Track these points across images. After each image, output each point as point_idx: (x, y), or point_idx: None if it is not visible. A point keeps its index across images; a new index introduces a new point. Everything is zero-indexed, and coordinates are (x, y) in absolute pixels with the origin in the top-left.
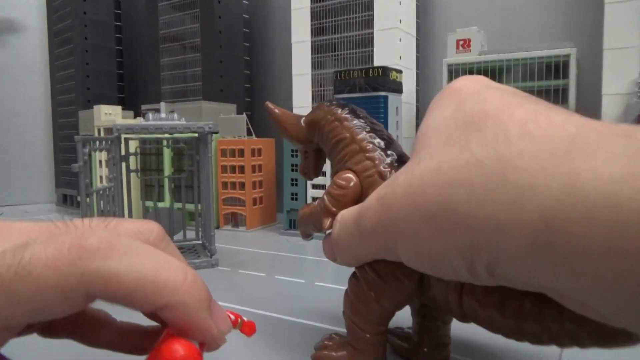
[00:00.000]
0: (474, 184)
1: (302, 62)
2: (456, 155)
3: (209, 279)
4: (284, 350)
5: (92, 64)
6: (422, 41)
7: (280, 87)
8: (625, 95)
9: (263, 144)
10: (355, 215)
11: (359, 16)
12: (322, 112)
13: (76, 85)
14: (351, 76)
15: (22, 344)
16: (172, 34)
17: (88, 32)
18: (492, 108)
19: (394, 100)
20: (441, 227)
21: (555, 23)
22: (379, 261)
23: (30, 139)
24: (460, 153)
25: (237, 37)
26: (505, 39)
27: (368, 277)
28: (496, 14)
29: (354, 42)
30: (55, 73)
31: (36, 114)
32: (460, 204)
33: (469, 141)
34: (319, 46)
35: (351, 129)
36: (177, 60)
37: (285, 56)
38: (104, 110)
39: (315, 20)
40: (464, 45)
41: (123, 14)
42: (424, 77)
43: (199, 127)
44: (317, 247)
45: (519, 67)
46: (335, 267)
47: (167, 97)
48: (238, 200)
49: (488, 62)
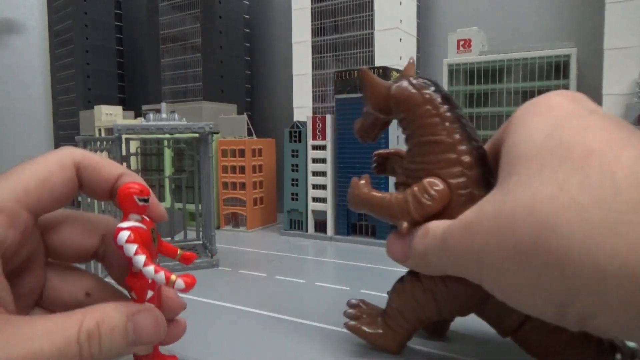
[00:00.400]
0: (575, 231)
1: (303, 62)
2: (553, 194)
3: (210, 280)
4: (284, 350)
5: (92, 64)
6: (423, 41)
7: (281, 88)
8: (626, 96)
9: (263, 144)
10: (442, 234)
11: (360, 16)
12: (420, 97)
13: (77, 86)
14: (352, 76)
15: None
16: (173, 35)
17: (89, 32)
18: (596, 144)
19: None
20: (531, 268)
21: (556, 23)
22: (451, 277)
23: (31, 139)
24: (558, 192)
25: (237, 37)
26: (506, 39)
27: (435, 288)
28: (497, 14)
29: (355, 43)
30: (56, 73)
31: (37, 114)
32: (557, 249)
33: (567, 181)
34: (320, 46)
35: (453, 134)
36: (178, 60)
37: (285, 56)
38: (104, 110)
39: (315, 20)
40: (465, 46)
41: (124, 14)
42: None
43: (200, 128)
44: (316, 248)
45: (520, 67)
46: (335, 267)
47: (168, 97)
48: (238, 200)
49: (489, 62)
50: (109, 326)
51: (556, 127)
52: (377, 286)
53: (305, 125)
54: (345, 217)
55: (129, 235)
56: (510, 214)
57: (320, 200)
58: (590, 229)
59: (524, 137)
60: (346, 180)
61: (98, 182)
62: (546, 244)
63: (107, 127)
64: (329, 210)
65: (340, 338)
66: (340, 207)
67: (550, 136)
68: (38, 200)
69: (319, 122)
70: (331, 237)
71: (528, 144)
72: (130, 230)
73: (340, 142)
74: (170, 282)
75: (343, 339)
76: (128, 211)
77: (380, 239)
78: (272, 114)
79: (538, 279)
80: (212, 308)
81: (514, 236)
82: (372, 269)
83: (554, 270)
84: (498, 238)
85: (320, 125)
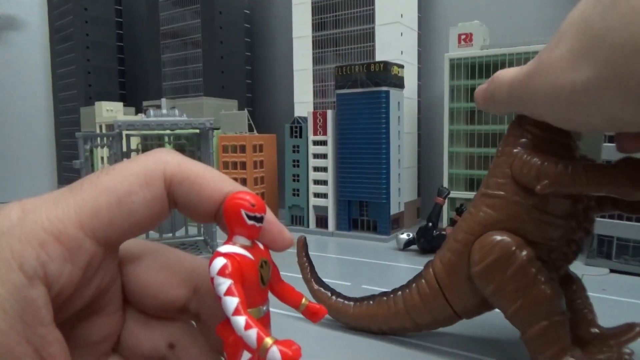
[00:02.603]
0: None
1: (303, 57)
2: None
3: None
4: None
5: (93, 61)
6: (424, 35)
7: (282, 83)
8: None
9: (264, 140)
10: (510, 81)
11: (360, 11)
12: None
13: (77, 82)
14: (352, 71)
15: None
16: (173, 30)
17: (89, 28)
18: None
19: (395, 95)
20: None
21: (557, 17)
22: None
23: (32, 135)
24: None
25: (238, 32)
26: (508, 33)
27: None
28: (498, 8)
29: (355, 37)
30: (57, 70)
31: (38, 110)
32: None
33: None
34: (320, 41)
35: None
36: (178, 56)
37: (286, 51)
38: (105, 106)
39: (316, 15)
40: (466, 40)
41: (124, 10)
42: (426, 71)
43: (200, 123)
44: (318, 244)
45: (522, 61)
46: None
47: (168, 93)
48: None
49: (490, 56)
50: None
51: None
52: (379, 281)
53: (306, 121)
54: (347, 213)
55: (224, 265)
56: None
57: (321, 195)
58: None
59: (574, 13)
60: (347, 175)
61: (198, 202)
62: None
63: (107, 123)
64: (330, 205)
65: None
66: (341, 203)
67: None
68: (111, 226)
69: (319, 118)
70: (332, 232)
71: (573, 18)
72: (228, 257)
73: (341, 137)
74: (262, 347)
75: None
76: (233, 232)
77: (381, 234)
78: (273, 110)
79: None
80: None
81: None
82: (373, 264)
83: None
84: (545, 80)
85: (321, 120)
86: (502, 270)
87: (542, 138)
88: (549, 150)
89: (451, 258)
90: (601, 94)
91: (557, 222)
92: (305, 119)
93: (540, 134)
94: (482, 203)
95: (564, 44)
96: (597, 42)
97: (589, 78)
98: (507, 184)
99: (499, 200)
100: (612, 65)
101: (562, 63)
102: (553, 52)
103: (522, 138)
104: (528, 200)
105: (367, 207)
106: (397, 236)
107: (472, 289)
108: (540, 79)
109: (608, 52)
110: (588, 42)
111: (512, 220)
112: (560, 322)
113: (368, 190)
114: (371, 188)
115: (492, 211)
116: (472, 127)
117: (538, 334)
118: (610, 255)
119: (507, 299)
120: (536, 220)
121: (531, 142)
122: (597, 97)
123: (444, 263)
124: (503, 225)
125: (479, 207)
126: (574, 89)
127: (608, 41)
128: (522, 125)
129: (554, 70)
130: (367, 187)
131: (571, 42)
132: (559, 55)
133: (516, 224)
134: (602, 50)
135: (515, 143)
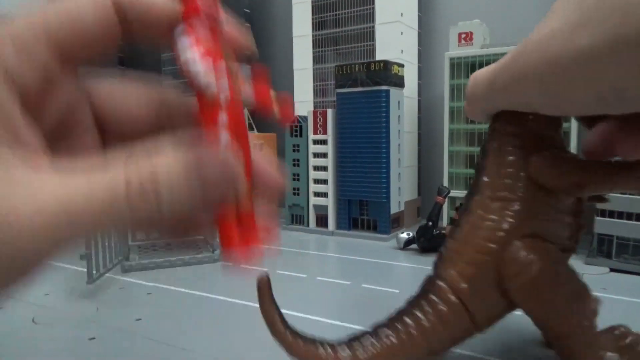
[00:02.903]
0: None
1: (304, 56)
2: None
3: (211, 274)
4: None
5: None
6: (424, 34)
7: (282, 82)
8: None
9: (265, 139)
10: (489, 76)
11: (360, 10)
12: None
13: None
14: (353, 70)
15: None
16: None
17: None
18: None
19: (395, 95)
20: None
21: None
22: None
23: None
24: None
25: None
26: (508, 32)
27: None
28: (498, 7)
29: (355, 36)
30: None
31: None
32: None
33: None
34: (320, 40)
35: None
36: None
37: (286, 50)
38: None
39: (316, 14)
40: (466, 39)
41: None
42: (426, 70)
43: None
44: (318, 243)
45: None
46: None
47: None
48: None
49: (490, 55)
50: (168, 174)
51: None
52: (378, 280)
53: (306, 120)
54: (347, 212)
55: (185, 29)
56: (550, 31)
57: (321, 194)
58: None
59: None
60: (347, 175)
61: (148, 15)
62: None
63: None
64: (330, 204)
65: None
66: (342, 202)
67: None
68: (64, 40)
69: (320, 117)
70: (332, 231)
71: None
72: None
73: (342, 136)
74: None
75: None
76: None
77: (382, 234)
78: None
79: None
80: (214, 302)
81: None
82: (374, 263)
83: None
84: (540, 52)
85: (321, 119)
86: (545, 287)
87: (535, 133)
88: (544, 146)
89: (474, 271)
90: (607, 59)
91: (567, 219)
92: (306, 118)
93: (534, 129)
94: (493, 207)
95: (557, 18)
96: (598, 6)
97: (592, 43)
98: (516, 185)
99: (513, 202)
100: (617, 29)
101: (559, 34)
102: (543, 29)
103: (515, 135)
104: (545, 200)
105: (367, 206)
106: (397, 235)
107: (498, 298)
108: (530, 56)
109: (609, 15)
110: (587, 9)
111: (532, 223)
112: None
113: (368, 190)
114: (371, 187)
115: (509, 216)
116: (472, 126)
117: (585, 335)
118: (610, 254)
119: (555, 313)
120: (553, 220)
121: (527, 138)
122: (601, 64)
123: (465, 275)
124: (524, 230)
125: (489, 212)
126: (575, 56)
127: (608, 3)
128: (510, 121)
129: (548, 44)
130: (367, 186)
131: (566, 13)
132: (555, 28)
133: (536, 227)
134: (604, 13)
135: (512, 141)
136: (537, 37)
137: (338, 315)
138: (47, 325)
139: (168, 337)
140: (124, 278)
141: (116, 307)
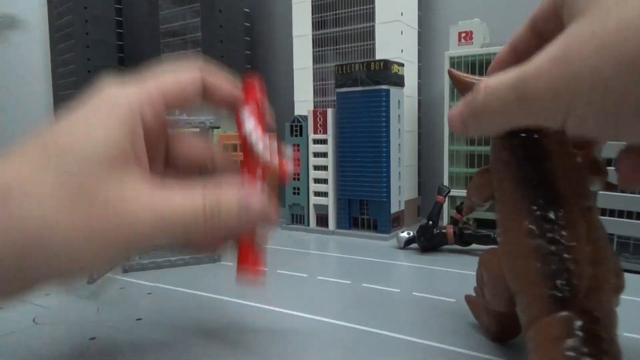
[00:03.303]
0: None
1: (303, 55)
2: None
3: (212, 274)
4: (285, 344)
5: (93, 60)
6: (424, 34)
7: (282, 81)
8: None
9: None
10: (514, 83)
11: (360, 9)
12: None
13: (78, 81)
14: (352, 70)
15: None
16: (173, 29)
17: (89, 27)
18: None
19: (395, 94)
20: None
21: None
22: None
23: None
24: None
25: (238, 31)
26: (508, 32)
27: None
28: (498, 6)
29: (355, 36)
30: (57, 69)
31: (38, 110)
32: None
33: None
34: (320, 40)
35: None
36: (178, 54)
37: (286, 50)
38: None
39: (316, 13)
40: (466, 38)
41: (124, 8)
42: (426, 70)
43: (201, 122)
44: (318, 242)
45: None
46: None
47: None
48: None
49: (490, 54)
50: (227, 205)
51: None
52: (379, 280)
53: (306, 119)
54: (347, 211)
55: (249, 109)
56: (616, 28)
57: (321, 194)
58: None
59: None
60: (347, 174)
61: (217, 92)
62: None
63: None
64: (331, 204)
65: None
66: (342, 201)
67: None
68: (172, 98)
69: (320, 116)
70: (333, 231)
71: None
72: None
73: (342, 136)
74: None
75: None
76: (246, 102)
77: (382, 233)
78: (273, 108)
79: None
80: (214, 302)
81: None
82: (374, 262)
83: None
84: (603, 55)
85: (321, 119)
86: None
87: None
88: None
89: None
90: None
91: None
92: (306, 117)
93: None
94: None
95: (623, 9)
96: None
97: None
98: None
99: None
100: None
101: (633, 27)
102: (594, 26)
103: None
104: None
105: (367, 205)
106: (397, 235)
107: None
108: (586, 60)
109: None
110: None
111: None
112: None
113: (368, 189)
114: (371, 186)
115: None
116: None
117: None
118: None
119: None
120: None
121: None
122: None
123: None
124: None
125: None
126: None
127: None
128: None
129: (619, 43)
130: (367, 186)
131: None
132: (624, 23)
133: None
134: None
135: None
136: (593, 35)
137: (338, 315)
138: (48, 325)
139: (168, 337)
140: (124, 278)
141: (116, 307)
